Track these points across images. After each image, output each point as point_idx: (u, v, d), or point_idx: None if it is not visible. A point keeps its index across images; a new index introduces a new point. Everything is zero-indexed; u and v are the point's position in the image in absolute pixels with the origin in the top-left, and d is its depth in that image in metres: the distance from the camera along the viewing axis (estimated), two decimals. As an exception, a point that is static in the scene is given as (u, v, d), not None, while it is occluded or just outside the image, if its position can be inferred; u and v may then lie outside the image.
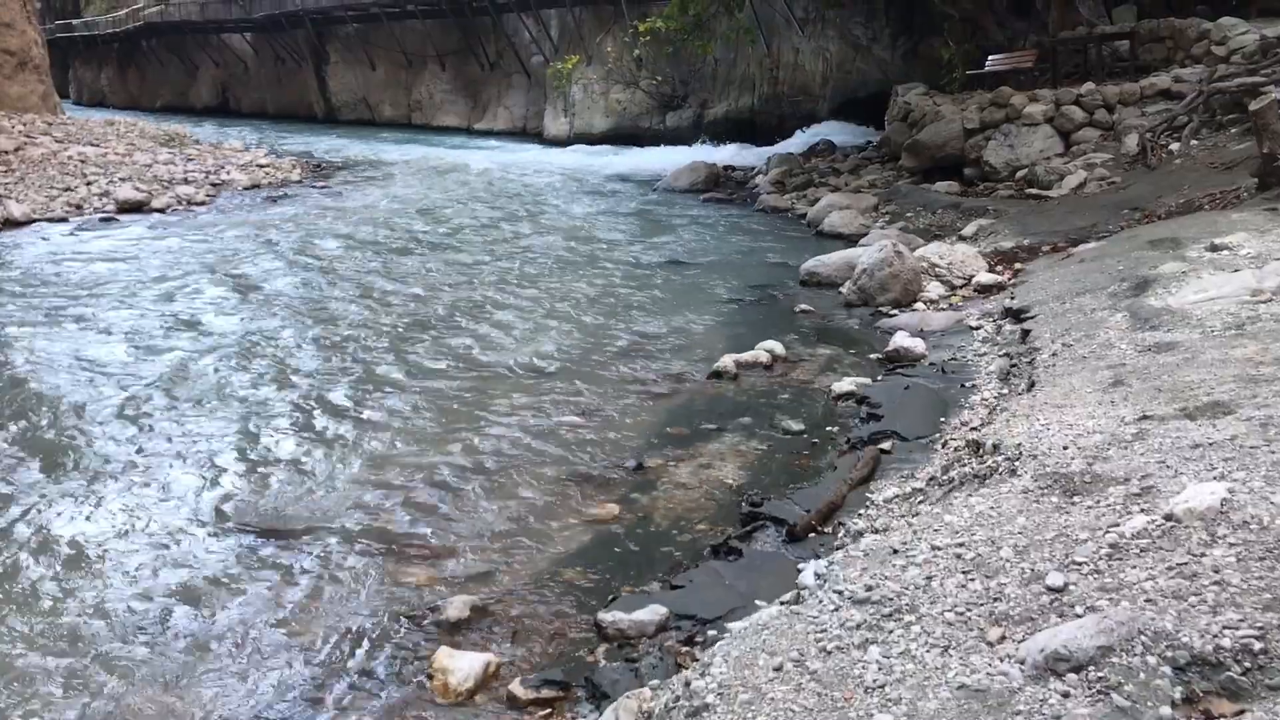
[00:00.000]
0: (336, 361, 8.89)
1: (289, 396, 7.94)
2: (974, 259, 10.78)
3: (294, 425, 7.29)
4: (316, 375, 8.48)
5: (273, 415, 7.50)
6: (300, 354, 9.13)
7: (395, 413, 7.54)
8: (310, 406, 7.67)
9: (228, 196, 20.50)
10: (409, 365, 8.74)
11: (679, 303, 11.00)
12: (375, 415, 7.47)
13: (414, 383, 8.27)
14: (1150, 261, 8.59)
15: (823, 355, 8.84)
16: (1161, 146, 13.96)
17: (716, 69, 32.60)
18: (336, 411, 7.55)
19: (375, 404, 7.72)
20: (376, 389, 8.08)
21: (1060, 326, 7.62)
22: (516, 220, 17.33)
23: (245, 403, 7.82)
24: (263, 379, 8.41)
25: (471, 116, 43.15)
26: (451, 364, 8.76)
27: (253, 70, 56.54)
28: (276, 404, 7.77)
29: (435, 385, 8.18)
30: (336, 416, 7.44)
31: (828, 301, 10.89)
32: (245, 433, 7.12)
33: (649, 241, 15.04)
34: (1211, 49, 16.50)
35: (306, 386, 8.18)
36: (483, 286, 11.96)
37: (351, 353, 9.15)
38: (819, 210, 15.98)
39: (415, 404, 7.71)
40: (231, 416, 7.49)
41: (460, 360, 8.87)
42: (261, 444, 6.91)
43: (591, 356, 8.96)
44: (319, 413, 7.51)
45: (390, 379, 8.37)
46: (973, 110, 16.99)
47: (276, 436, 7.06)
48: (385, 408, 7.65)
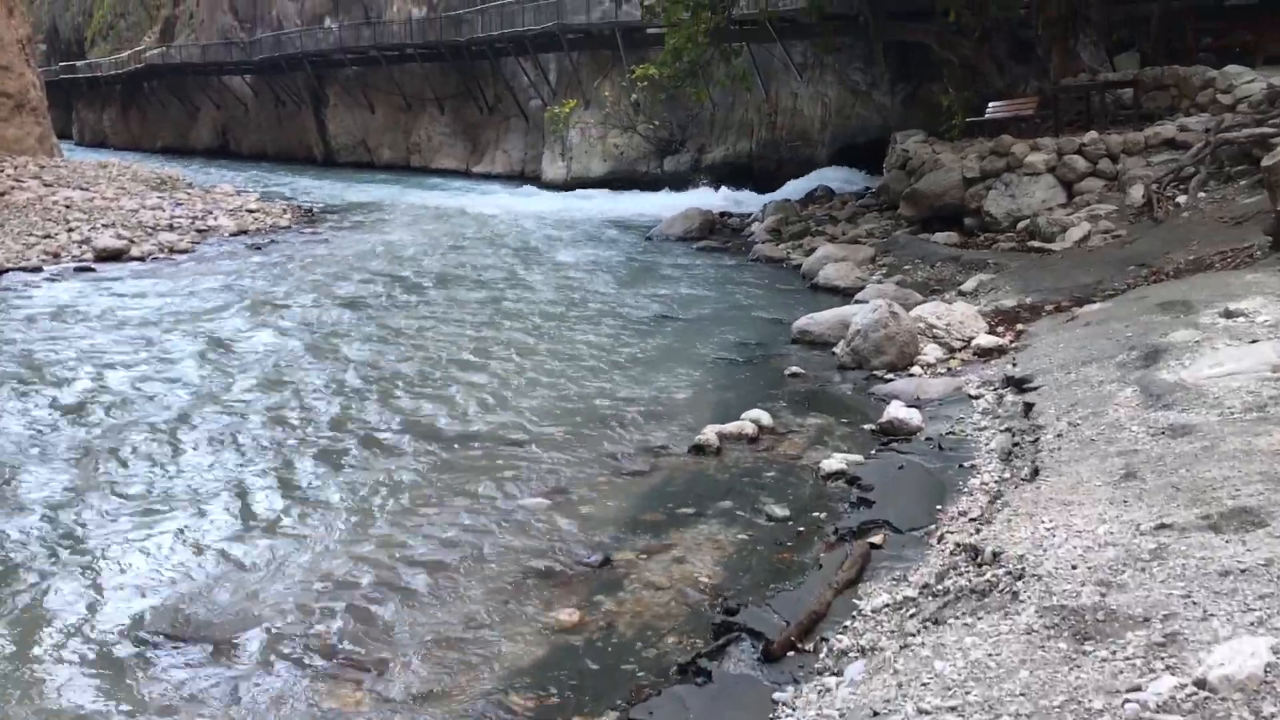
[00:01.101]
0: (286, 432, 8.33)
1: (228, 474, 7.38)
2: (974, 319, 10.26)
3: (231, 508, 6.73)
4: (263, 449, 7.93)
5: (208, 496, 6.94)
6: (248, 424, 8.56)
7: (346, 493, 6.99)
8: (253, 486, 7.12)
9: (212, 244, 20.08)
10: (367, 436, 8.20)
11: (664, 362, 10.48)
12: (324, 495, 6.92)
13: (370, 456, 7.73)
14: (1160, 328, 8.07)
15: (812, 425, 8.30)
16: (1168, 199, 13.48)
17: (714, 114, 32.31)
18: (281, 492, 7.00)
19: (325, 482, 7.17)
20: (328, 464, 7.54)
21: (1066, 401, 7.09)
22: (503, 269, 16.86)
23: (179, 480, 7.27)
24: (200, 453, 7.85)
25: (470, 160, 42.90)
26: (414, 434, 8.22)
27: (253, 112, 56.49)
28: (213, 483, 7.21)
29: (393, 460, 7.64)
30: (280, 498, 6.90)
31: (820, 363, 10.37)
32: (176, 515, 6.57)
33: (638, 293, 14.55)
34: (1217, 97, 16.08)
35: (250, 462, 7.63)
36: (457, 343, 11.44)
37: (305, 422, 8.60)
38: (814, 262, 15.51)
39: (369, 482, 7.16)
40: (163, 497, 6.94)
41: (423, 430, 8.33)
42: (193, 530, 6.36)
43: (566, 425, 8.42)
44: (261, 493, 6.97)
45: (344, 452, 7.83)
46: (973, 159, 16.56)
47: (211, 521, 6.51)
48: (336, 486, 7.10)
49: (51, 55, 79.43)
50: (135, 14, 69.85)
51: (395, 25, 44.18)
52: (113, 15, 71.95)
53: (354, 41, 45.59)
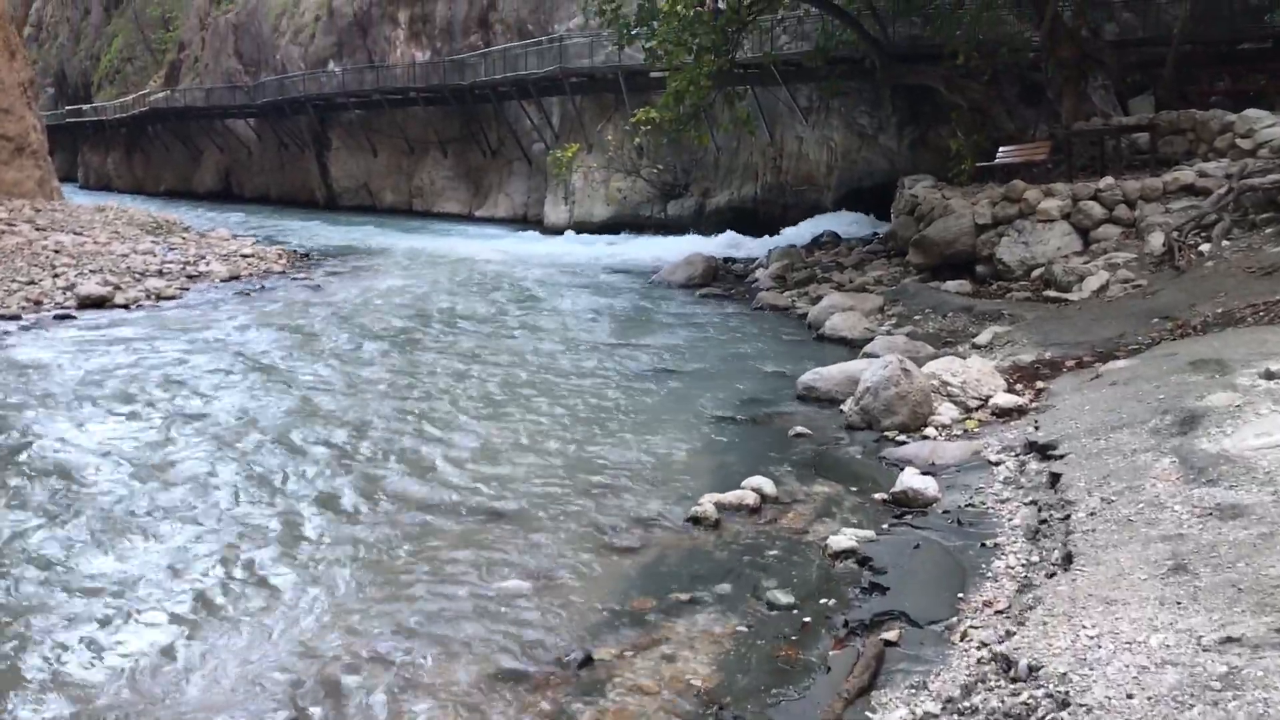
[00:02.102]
0: (247, 503, 7.67)
1: (173, 552, 6.74)
2: (990, 376, 9.65)
3: (176, 593, 6.09)
4: (220, 522, 7.27)
5: (149, 579, 6.30)
6: (206, 492, 7.90)
7: (304, 575, 6.36)
8: (205, 566, 6.48)
9: (201, 290, 19.56)
10: (333, 506, 7.55)
11: (661, 421, 9.86)
12: (279, 579, 6.28)
13: (334, 530, 7.09)
14: (1195, 389, 7.45)
15: (819, 494, 7.66)
16: (1190, 247, 12.92)
17: (719, 158, 31.92)
18: (234, 572, 6.36)
19: (283, 563, 6.53)
20: (286, 538, 6.89)
21: (1096, 472, 6.46)
22: (498, 319, 16.31)
23: (119, 559, 6.65)
24: (146, 527, 7.20)
25: (473, 203, 42.55)
26: (384, 503, 7.58)
27: (256, 155, 56.36)
28: (157, 565, 6.57)
29: (359, 534, 6.99)
30: (232, 579, 6.26)
31: (827, 422, 9.75)
32: (111, 603, 5.94)
33: (637, 345, 13.96)
34: (1237, 142, 15.56)
35: (204, 538, 6.98)
36: (439, 399, 10.81)
37: (264, 489, 7.94)
38: (820, 311, 14.92)
39: (331, 561, 6.52)
40: (102, 581, 6.32)
41: (395, 498, 7.69)
42: (127, 620, 5.72)
43: (554, 492, 7.79)
44: (211, 575, 6.32)
45: (306, 525, 7.18)
46: (984, 205, 16.02)
47: (150, 608, 5.87)
48: (295, 567, 6.47)
49: (59, 99, 79.83)
50: (142, 58, 70.16)
51: (398, 69, 44.03)
52: (119, 59, 72.29)
53: (357, 85, 45.43)
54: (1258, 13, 21.77)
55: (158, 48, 68.54)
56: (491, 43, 39.85)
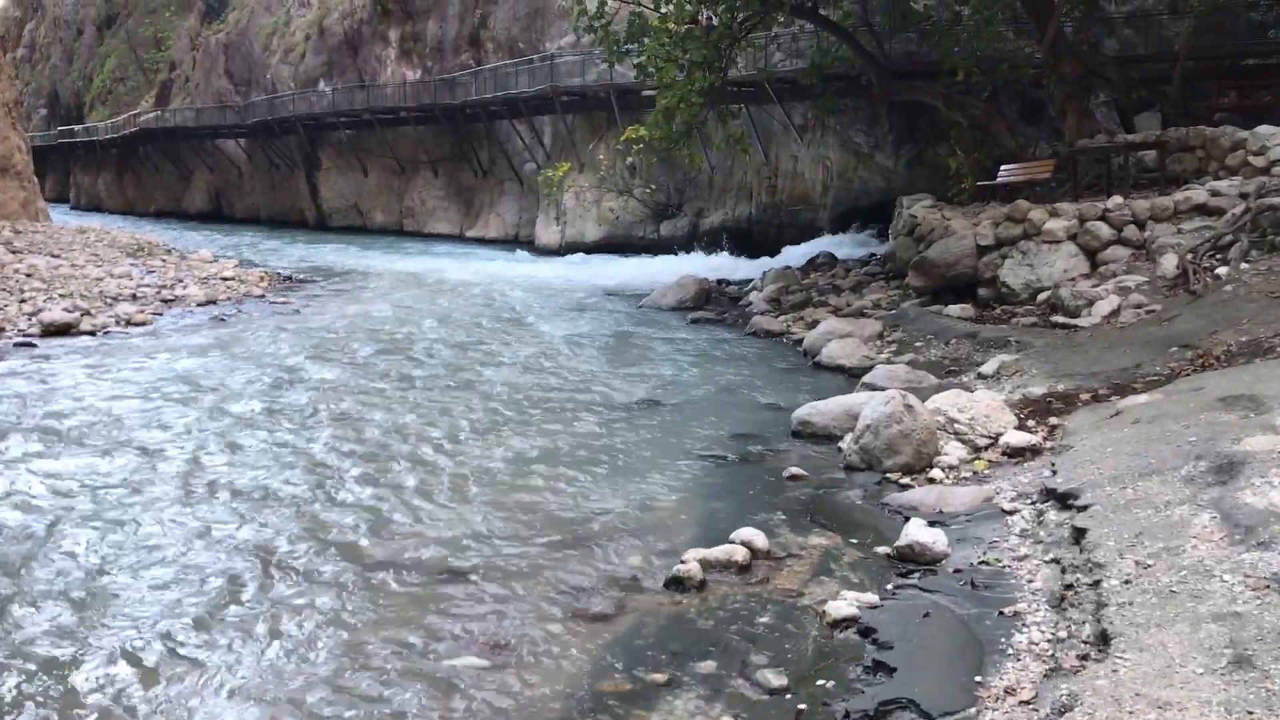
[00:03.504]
0: (175, 561, 6.89)
1: (81, 622, 6.01)
2: (1000, 411, 8.94)
3: (89, 658, 5.35)
4: (137, 583, 6.52)
5: (46, 654, 5.56)
6: (130, 549, 7.14)
7: (236, 641, 5.62)
8: (118, 634, 5.74)
9: (174, 315, 18.84)
10: (273, 565, 6.77)
11: (644, 462, 9.14)
12: (204, 653, 5.53)
13: (272, 594, 6.32)
14: (1229, 430, 6.75)
15: (816, 548, 6.94)
16: (1206, 270, 12.23)
17: (712, 177, 31.31)
18: (151, 646, 5.60)
19: (211, 633, 5.78)
20: (218, 606, 6.12)
21: (1127, 529, 5.74)
22: (477, 346, 15.58)
23: (23, 628, 5.91)
24: (58, 584, 6.48)
25: (464, 224, 41.93)
26: (332, 563, 6.82)
27: (246, 176, 55.77)
28: (58, 633, 5.84)
29: (300, 598, 6.24)
30: (148, 654, 5.51)
31: (824, 461, 9.03)
32: (18, 676, 5.21)
33: (622, 374, 13.25)
34: (1249, 160, 14.92)
35: (119, 602, 6.25)
36: (405, 437, 10.05)
37: (202, 547, 7.16)
38: (816, 337, 14.22)
39: (266, 631, 5.78)
40: (6, 648, 5.58)
41: (345, 556, 6.93)
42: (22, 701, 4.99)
43: (521, 547, 7.05)
44: (122, 646, 5.56)
45: (241, 588, 6.41)
46: (986, 225, 15.35)
47: (50, 688, 5.13)
48: (226, 630, 5.73)
49: (51, 119, 79.29)
50: (134, 78, 69.69)
51: (389, 88, 43.52)
52: (112, 80, 71.79)
53: (347, 104, 44.90)
54: (1262, 28, 21.28)
55: (150, 68, 68.10)
56: (483, 61, 39.33)
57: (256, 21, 53.50)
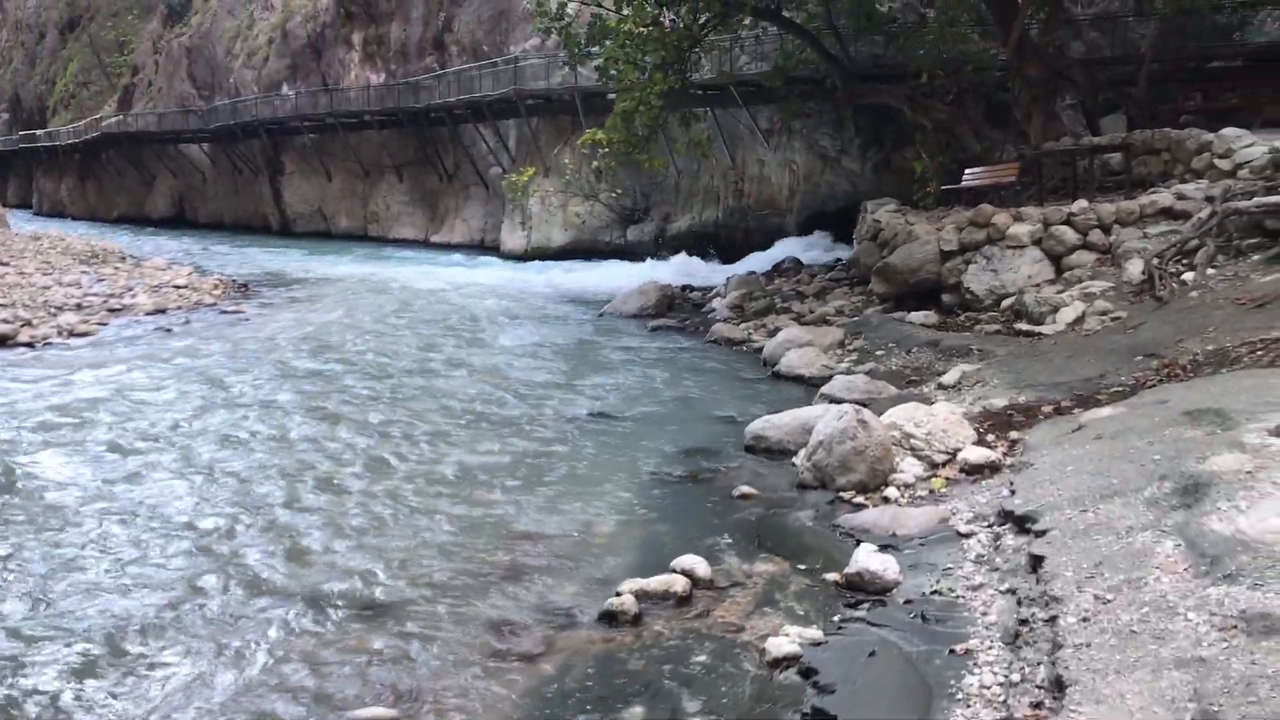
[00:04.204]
0: (51, 605, 6.37)
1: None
2: (958, 426, 8.58)
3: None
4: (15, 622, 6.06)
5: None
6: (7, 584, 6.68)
7: (120, 688, 5.16)
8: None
9: (120, 325, 18.26)
10: (174, 602, 6.27)
11: (590, 482, 8.72)
12: (88, 698, 5.08)
13: (169, 634, 5.85)
14: (1195, 448, 6.39)
15: (762, 575, 6.54)
16: (1172, 275, 11.94)
17: (679, 181, 30.95)
18: (18, 691, 5.13)
19: (82, 681, 5.31)
20: (95, 656, 5.63)
21: (1086, 557, 5.37)
22: (430, 356, 15.11)
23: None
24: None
25: (429, 228, 41.37)
26: (241, 597, 6.35)
27: (209, 180, 54.97)
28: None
29: (198, 640, 5.77)
30: (27, 707, 5.04)
31: (777, 478, 8.65)
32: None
33: (577, 385, 12.83)
34: (1215, 163, 14.66)
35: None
36: (338, 455, 9.56)
37: (82, 594, 6.56)
38: (776, 346, 13.84)
39: (154, 676, 5.32)
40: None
41: (254, 588, 6.47)
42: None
43: (447, 578, 6.61)
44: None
45: (130, 632, 5.89)
46: (950, 230, 15.02)
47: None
48: (99, 684, 5.26)
49: (14, 124, 78.08)
50: (97, 82, 68.71)
51: (353, 92, 42.92)
52: (75, 84, 70.73)
53: (311, 109, 44.27)
54: (1226, 31, 21.17)
55: (112, 71, 67.16)
56: (447, 64, 38.84)
57: (219, 24, 52.72)
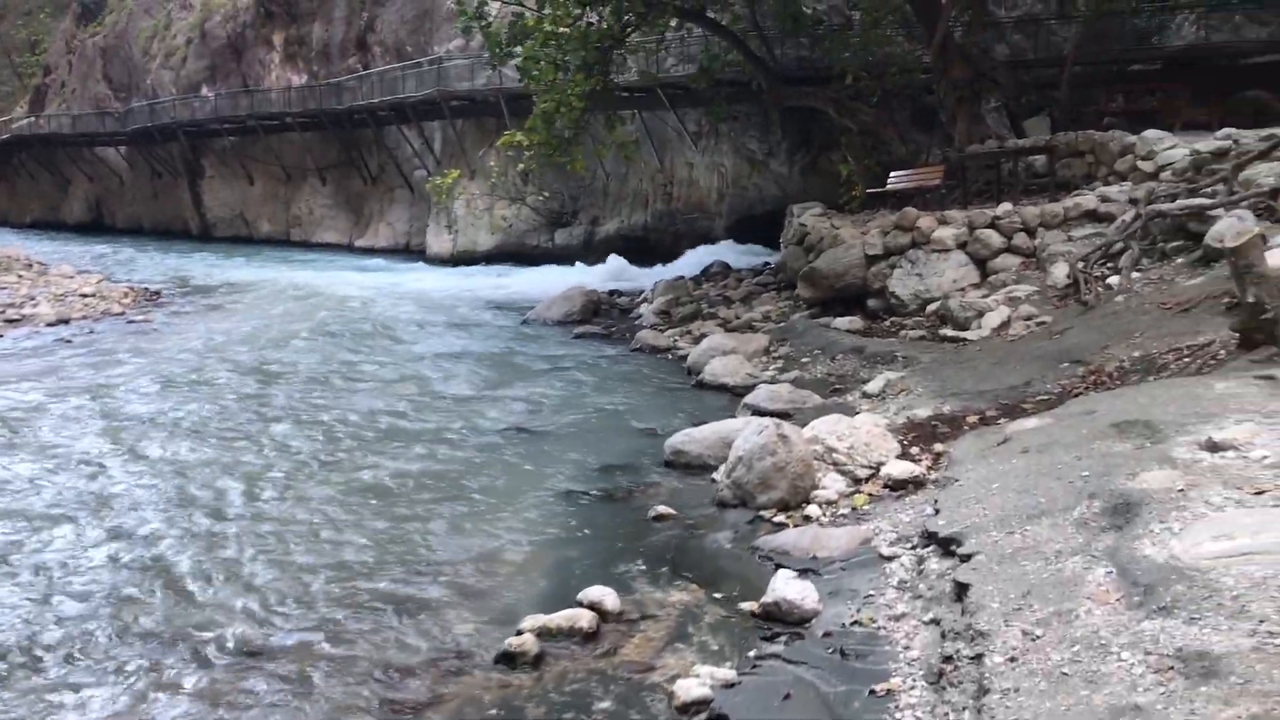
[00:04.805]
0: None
1: None
2: (881, 438, 8.26)
3: None
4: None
5: None
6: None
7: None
8: None
9: (18, 336, 17.39)
10: (39, 646, 5.72)
11: (499, 503, 8.26)
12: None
13: (33, 682, 5.31)
14: (1124, 463, 6.12)
15: (676, 605, 6.14)
16: (1097, 279, 11.80)
17: (607, 184, 30.56)
18: None
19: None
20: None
21: (1013, 586, 5.05)
22: (345, 367, 14.51)
23: None
24: None
25: (353, 233, 40.50)
26: (106, 645, 5.79)
27: (127, 184, 53.35)
28: None
29: (59, 693, 5.23)
30: None
31: (696, 496, 8.26)
32: None
33: (494, 397, 12.35)
34: (1138, 165, 14.62)
35: None
36: (232, 482, 8.94)
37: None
38: (700, 354, 13.49)
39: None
40: None
41: (123, 635, 5.90)
42: None
43: (340, 617, 6.12)
44: None
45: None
46: (875, 234, 14.80)
47: None
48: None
49: (-77, 127, 75.33)
50: (9, 83, 66.57)
51: (274, 93, 41.94)
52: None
53: (231, 110, 43.17)
54: (1145, 35, 21.36)
55: (24, 72, 65.11)
56: (370, 65, 38.05)
57: (135, 24, 51.22)
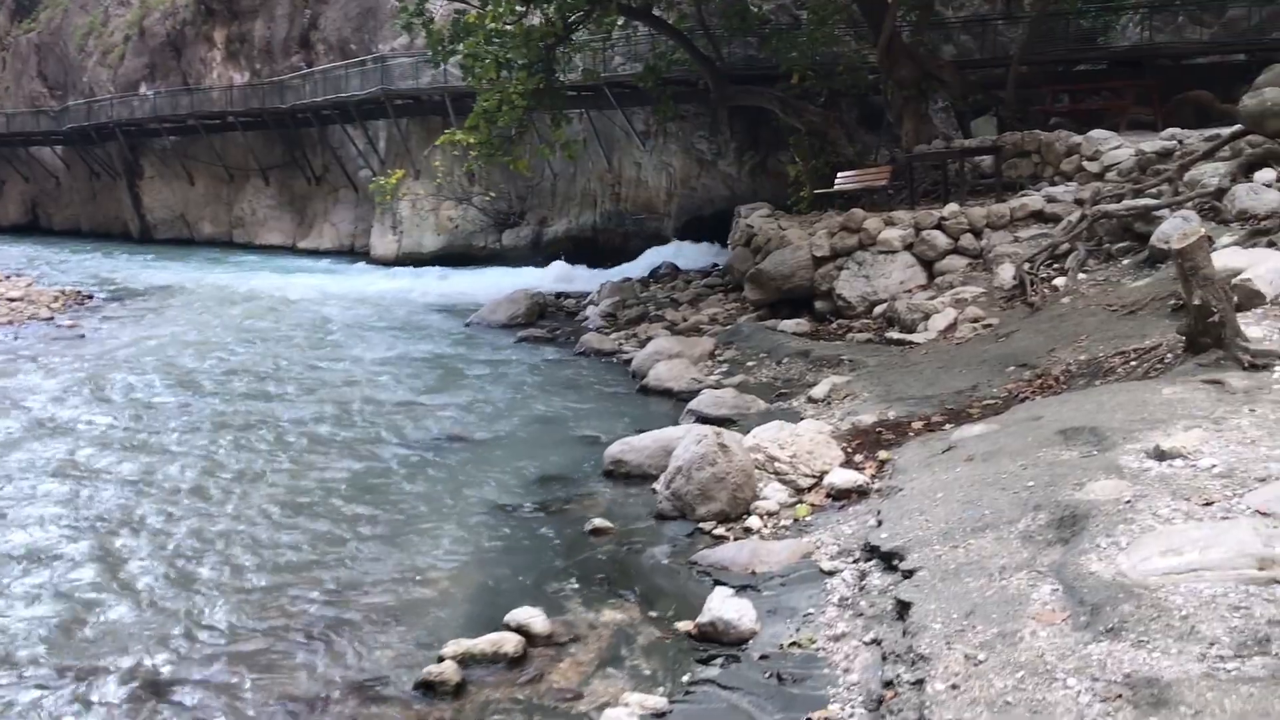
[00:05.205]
0: None
1: None
2: (825, 446, 8.03)
3: None
4: None
5: None
6: None
7: None
8: None
9: (-65, 343, 16.74)
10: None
11: (432, 515, 7.93)
12: None
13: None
14: (1070, 473, 5.92)
15: (608, 626, 5.86)
16: (1044, 280, 11.69)
17: (555, 184, 30.22)
18: None
19: None
20: None
21: (956, 605, 4.82)
22: (279, 374, 14.06)
23: None
24: None
25: (297, 234, 39.77)
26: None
27: (64, 185, 52.09)
28: None
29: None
30: None
31: (635, 508, 7.98)
32: None
33: (432, 404, 11.99)
34: (1084, 165, 14.59)
35: None
36: (145, 497, 8.53)
37: None
38: (645, 359, 13.21)
39: None
40: None
41: (14, 669, 5.53)
42: None
43: (252, 644, 5.76)
44: None
45: None
46: (822, 235, 14.62)
47: None
48: None
49: None
50: (-58, 81, 64.74)
51: (215, 92, 41.10)
52: (-84, 83, 66.50)
53: (171, 109, 42.20)
54: (1091, 35, 21.45)
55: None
56: (314, 64, 37.38)
57: (71, 21, 50.01)
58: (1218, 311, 7.12)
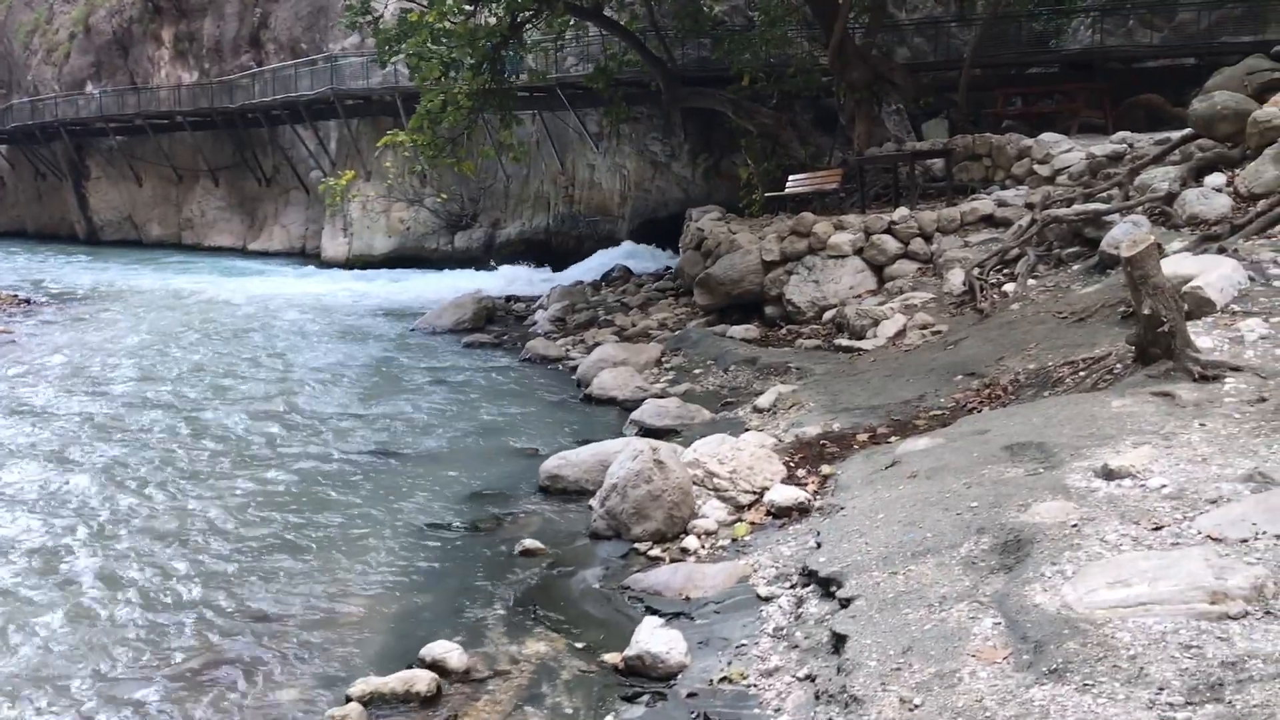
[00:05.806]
0: None
1: None
2: (766, 460, 7.73)
3: None
4: None
5: None
6: None
7: None
8: None
9: None
10: None
11: (355, 536, 7.54)
12: None
13: None
14: (1016, 493, 5.66)
15: (530, 660, 5.51)
16: (993, 286, 11.48)
17: (508, 186, 29.84)
18: None
19: None
20: None
21: (894, 640, 4.52)
22: (214, 382, 13.57)
23: None
24: None
25: (247, 236, 39.09)
26: None
27: (9, 186, 50.91)
28: None
29: None
30: None
31: (570, 526, 7.65)
32: None
33: (367, 414, 11.58)
34: (1034, 168, 14.45)
35: None
36: (48, 516, 8.05)
37: None
38: (590, 366, 12.88)
39: None
40: None
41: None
42: None
43: (146, 685, 5.35)
44: None
45: None
46: (771, 239, 14.35)
47: None
48: None
49: None
50: (-119, 79, 63.10)
51: (163, 91, 40.34)
52: None
53: (118, 109, 41.35)
54: (1043, 39, 21.43)
55: (-103, 68, 61.71)
56: (264, 63, 36.74)
57: (15, 18, 48.88)
58: (1168, 321, 6.89)
